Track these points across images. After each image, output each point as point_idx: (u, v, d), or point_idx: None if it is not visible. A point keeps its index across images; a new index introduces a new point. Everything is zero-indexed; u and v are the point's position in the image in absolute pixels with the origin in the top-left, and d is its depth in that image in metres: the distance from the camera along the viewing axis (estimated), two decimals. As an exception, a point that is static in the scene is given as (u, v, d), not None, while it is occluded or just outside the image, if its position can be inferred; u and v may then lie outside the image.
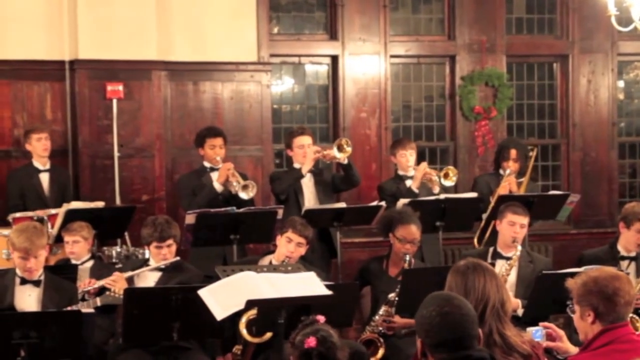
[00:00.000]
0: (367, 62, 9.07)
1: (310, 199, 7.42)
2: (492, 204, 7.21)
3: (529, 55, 9.66)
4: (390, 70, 9.16)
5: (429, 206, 7.06)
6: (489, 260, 6.13)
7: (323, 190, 7.49)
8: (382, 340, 5.90)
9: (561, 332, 4.27)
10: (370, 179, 8.75)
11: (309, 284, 5.12)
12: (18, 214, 7.12)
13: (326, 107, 9.20)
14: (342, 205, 7.41)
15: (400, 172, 7.75)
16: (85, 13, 8.03)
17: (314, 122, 9.18)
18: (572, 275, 4.02)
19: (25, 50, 8.06)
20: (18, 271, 5.52)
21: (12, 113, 8.07)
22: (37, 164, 7.64)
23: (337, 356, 3.63)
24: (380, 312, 5.98)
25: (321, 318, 3.85)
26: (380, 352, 5.85)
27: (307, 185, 7.45)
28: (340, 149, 7.32)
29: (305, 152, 7.39)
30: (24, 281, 5.51)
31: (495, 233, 6.54)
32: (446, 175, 7.50)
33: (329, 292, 5.04)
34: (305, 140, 7.47)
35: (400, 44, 9.24)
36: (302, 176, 7.36)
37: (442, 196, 7.31)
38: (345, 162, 7.37)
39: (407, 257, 6.06)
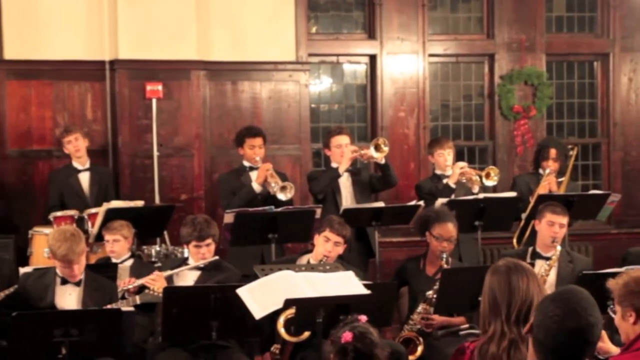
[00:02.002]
0: (406, 62, 9.05)
1: (347, 199, 7.42)
2: (532, 203, 7.16)
3: (569, 54, 9.57)
4: (428, 70, 9.14)
5: (468, 205, 7.03)
6: (528, 260, 6.09)
7: (360, 190, 7.49)
8: (420, 338, 5.88)
9: (602, 333, 4.22)
10: (408, 179, 8.74)
11: (348, 283, 5.12)
12: (59, 213, 7.19)
13: (364, 106, 9.19)
14: (381, 204, 7.39)
15: (438, 172, 7.72)
16: (125, 13, 8.09)
17: (352, 122, 9.17)
18: (613, 275, 3.98)
19: (66, 50, 8.14)
20: (58, 271, 5.57)
21: (54, 113, 8.15)
22: (76, 164, 7.69)
23: (374, 353, 3.62)
24: (419, 310, 5.97)
25: (363, 317, 3.85)
26: (419, 350, 5.83)
27: (345, 184, 7.45)
28: (377, 148, 7.30)
29: (342, 151, 7.39)
30: (64, 281, 5.56)
31: (534, 233, 6.49)
32: (488, 175, 7.46)
33: (367, 292, 5.03)
34: (343, 139, 7.47)
35: (439, 43, 9.20)
36: (339, 175, 7.35)
37: (481, 196, 7.28)
38: (383, 162, 7.35)
39: (444, 256, 6.04)
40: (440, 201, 6.99)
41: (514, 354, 3.58)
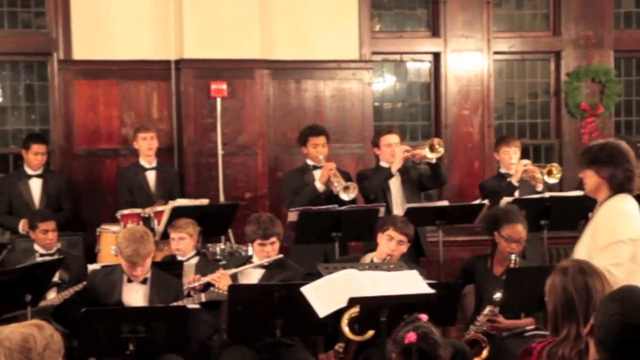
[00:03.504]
0: (470, 59, 8.98)
1: (397, 198, 7.37)
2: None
3: (638, 50, 9.39)
4: (493, 67, 9.05)
5: (534, 204, 6.95)
6: (596, 260, 5.98)
7: (410, 189, 7.43)
8: (486, 340, 5.83)
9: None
10: (472, 177, 8.67)
11: (412, 283, 5.10)
12: (126, 211, 7.29)
13: (428, 104, 9.14)
14: (445, 203, 7.35)
15: (503, 170, 7.66)
16: (191, 13, 8.17)
17: (416, 120, 9.13)
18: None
19: (132, 50, 8.25)
20: (124, 268, 5.64)
21: (120, 112, 8.27)
22: (143, 162, 7.80)
23: (438, 353, 3.61)
24: (485, 311, 5.90)
25: (424, 317, 3.83)
26: (485, 352, 5.77)
27: (395, 184, 7.40)
28: (432, 149, 7.23)
29: (392, 150, 7.33)
30: (131, 279, 5.64)
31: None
32: (550, 173, 7.36)
33: (431, 291, 5.01)
34: (392, 138, 7.42)
35: (504, 40, 9.11)
36: (391, 175, 7.29)
37: (547, 194, 7.18)
38: (434, 161, 7.29)
39: (513, 257, 5.95)
40: (506, 200, 6.92)
41: (585, 356, 3.51)
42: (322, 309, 4.92)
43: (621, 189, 4.70)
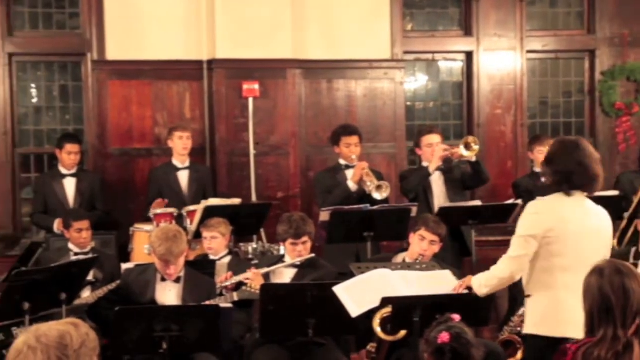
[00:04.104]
0: (503, 58, 8.93)
1: (440, 197, 7.35)
2: (635, 202, 6.97)
3: (674, 49, 9.30)
4: (526, 66, 8.99)
5: (568, 205, 6.88)
6: (631, 260, 5.94)
7: (453, 188, 7.40)
8: (521, 341, 5.78)
9: None
10: (505, 177, 8.62)
11: (445, 282, 5.08)
12: (159, 210, 7.31)
13: (460, 104, 9.10)
14: (477, 203, 7.31)
15: (537, 169, 7.61)
16: (223, 13, 8.19)
17: (448, 119, 9.09)
18: None
19: (165, 51, 8.29)
20: (158, 267, 5.67)
21: (153, 112, 8.31)
22: (176, 162, 7.82)
23: (471, 353, 3.60)
24: (520, 312, 5.86)
25: (456, 317, 3.82)
26: (519, 354, 5.73)
27: (437, 183, 7.38)
28: (467, 147, 7.20)
29: (433, 150, 7.32)
30: (164, 277, 5.66)
31: (637, 233, 6.33)
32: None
33: (465, 291, 4.98)
34: (433, 138, 7.40)
35: (537, 39, 9.05)
36: (429, 175, 7.28)
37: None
38: (474, 159, 7.26)
39: (546, 257, 5.90)
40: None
41: (622, 357, 3.48)
42: (355, 309, 4.92)
43: (573, 187, 4.69)
